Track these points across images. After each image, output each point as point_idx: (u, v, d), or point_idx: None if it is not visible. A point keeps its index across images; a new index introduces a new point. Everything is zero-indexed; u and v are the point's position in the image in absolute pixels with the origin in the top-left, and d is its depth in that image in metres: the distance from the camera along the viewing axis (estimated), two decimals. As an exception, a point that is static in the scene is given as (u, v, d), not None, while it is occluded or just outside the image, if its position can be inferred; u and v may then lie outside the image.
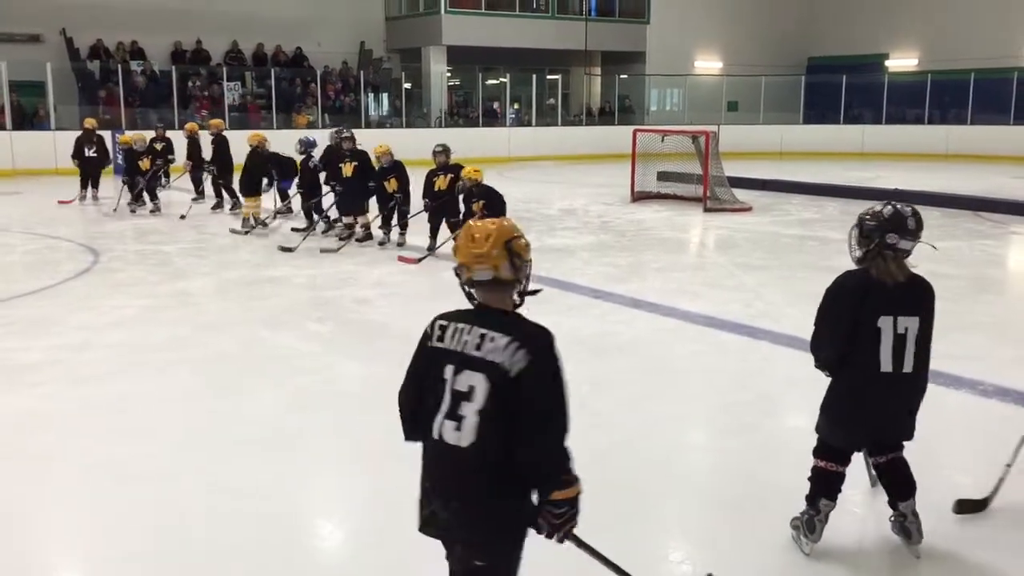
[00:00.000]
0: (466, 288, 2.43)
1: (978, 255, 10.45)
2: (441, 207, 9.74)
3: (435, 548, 3.60)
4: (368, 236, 10.58)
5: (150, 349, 6.34)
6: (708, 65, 29.59)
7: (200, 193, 13.87)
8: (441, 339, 2.39)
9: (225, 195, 13.32)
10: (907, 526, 3.44)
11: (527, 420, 2.26)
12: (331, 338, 6.82)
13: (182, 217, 12.48)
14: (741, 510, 3.92)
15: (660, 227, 12.71)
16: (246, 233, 11.14)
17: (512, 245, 2.38)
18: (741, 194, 14.87)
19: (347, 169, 10.50)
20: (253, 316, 7.36)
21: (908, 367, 3.31)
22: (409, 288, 8.44)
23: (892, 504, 3.49)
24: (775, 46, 29.29)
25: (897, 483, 3.47)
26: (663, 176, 16.00)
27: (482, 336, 2.31)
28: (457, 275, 2.43)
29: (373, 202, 10.53)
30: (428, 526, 2.45)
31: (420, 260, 9.42)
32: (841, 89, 26.40)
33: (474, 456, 2.29)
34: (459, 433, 2.30)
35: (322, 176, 11.24)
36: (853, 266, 3.45)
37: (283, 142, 12.78)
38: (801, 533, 3.49)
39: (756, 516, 3.85)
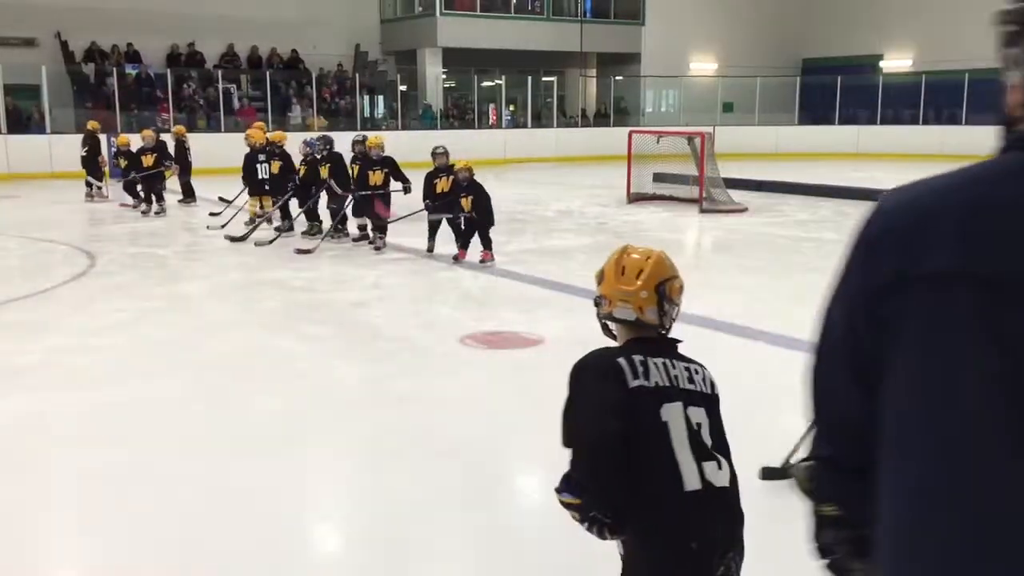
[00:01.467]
0: (604, 322, 2.22)
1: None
2: (442, 209, 9.70)
3: (435, 550, 3.59)
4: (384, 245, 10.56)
5: (147, 352, 6.33)
6: (703, 66, 29.64)
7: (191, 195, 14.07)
8: (646, 376, 2.04)
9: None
10: None
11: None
12: (329, 341, 6.81)
13: (213, 214, 12.50)
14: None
15: (656, 228, 12.72)
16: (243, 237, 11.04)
17: (666, 288, 2.15)
18: (737, 195, 14.89)
19: (356, 171, 10.51)
20: (250, 319, 7.35)
21: None
22: (406, 290, 8.44)
23: None
24: (770, 47, 29.35)
25: None
26: (659, 177, 16.01)
27: (688, 368, 2.13)
28: (596, 304, 2.19)
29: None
30: None
31: (379, 248, 9.53)
32: (836, 90, 26.47)
33: (734, 492, 2.13)
34: (722, 472, 2.08)
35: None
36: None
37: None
38: None
39: (751, 518, 3.85)
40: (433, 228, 9.81)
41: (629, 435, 1.97)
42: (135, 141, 14.06)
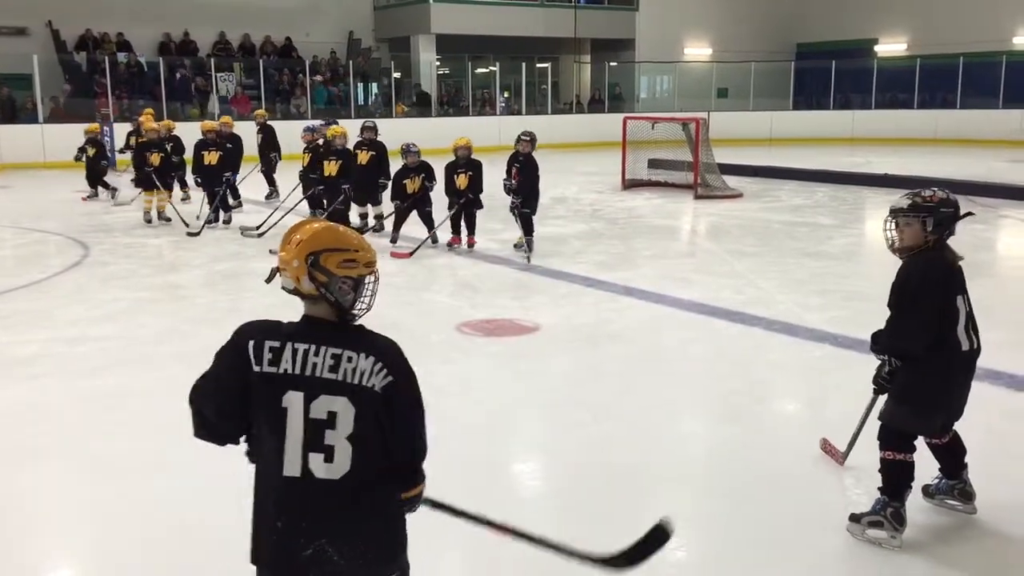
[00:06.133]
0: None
1: (968, 239, 10.45)
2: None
3: (432, 536, 3.60)
4: (381, 227, 10.48)
5: (142, 342, 6.33)
6: (697, 52, 29.57)
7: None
8: (275, 363, 2.10)
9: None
10: (968, 490, 3.66)
11: (399, 429, 2.15)
12: (324, 329, 6.80)
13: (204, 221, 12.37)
14: (735, 495, 3.94)
15: (651, 215, 12.72)
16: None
17: (318, 259, 2.12)
18: (732, 181, 14.89)
19: (362, 157, 10.38)
20: (244, 307, 7.34)
21: (976, 343, 3.49)
22: (402, 278, 8.43)
23: (954, 475, 3.66)
24: (764, 32, 29.28)
25: (960, 455, 3.64)
26: (654, 164, 16.01)
27: (336, 357, 2.10)
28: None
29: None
30: (298, 566, 2.08)
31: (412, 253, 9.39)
32: (831, 75, 26.44)
33: (352, 486, 2.07)
34: (331, 465, 2.05)
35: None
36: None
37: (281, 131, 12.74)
38: (889, 529, 3.43)
39: (749, 501, 3.88)
40: (399, 218, 9.75)
41: (241, 411, 2.15)
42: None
